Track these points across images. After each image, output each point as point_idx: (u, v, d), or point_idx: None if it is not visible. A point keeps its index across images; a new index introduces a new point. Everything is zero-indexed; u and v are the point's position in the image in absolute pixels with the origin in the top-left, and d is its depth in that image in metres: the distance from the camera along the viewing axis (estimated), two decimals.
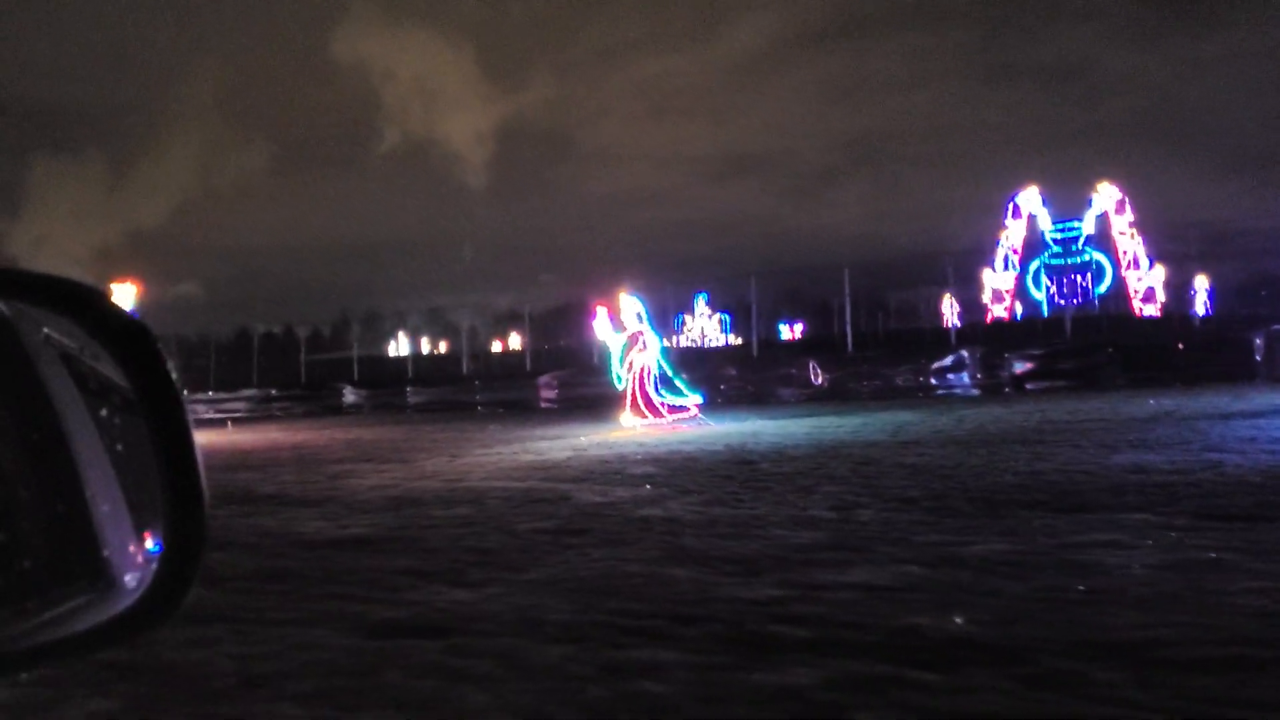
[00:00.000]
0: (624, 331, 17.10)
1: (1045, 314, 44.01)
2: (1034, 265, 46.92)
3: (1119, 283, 44.64)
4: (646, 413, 16.80)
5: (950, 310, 53.04)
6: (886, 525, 6.82)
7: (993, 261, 47.60)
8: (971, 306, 49.49)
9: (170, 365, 1.04)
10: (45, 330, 1.16)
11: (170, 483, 1.02)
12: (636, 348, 16.94)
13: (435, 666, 3.61)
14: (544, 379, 29.21)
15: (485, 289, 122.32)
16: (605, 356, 17.56)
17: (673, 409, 16.95)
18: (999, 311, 46.87)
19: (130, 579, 1.08)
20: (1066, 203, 47.24)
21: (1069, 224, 46.22)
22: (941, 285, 51.35)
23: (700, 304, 65.35)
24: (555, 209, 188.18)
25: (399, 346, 55.86)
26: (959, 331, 27.32)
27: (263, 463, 14.13)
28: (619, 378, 17.10)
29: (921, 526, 6.72)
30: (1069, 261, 46.23)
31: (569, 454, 13.06)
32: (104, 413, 1.16)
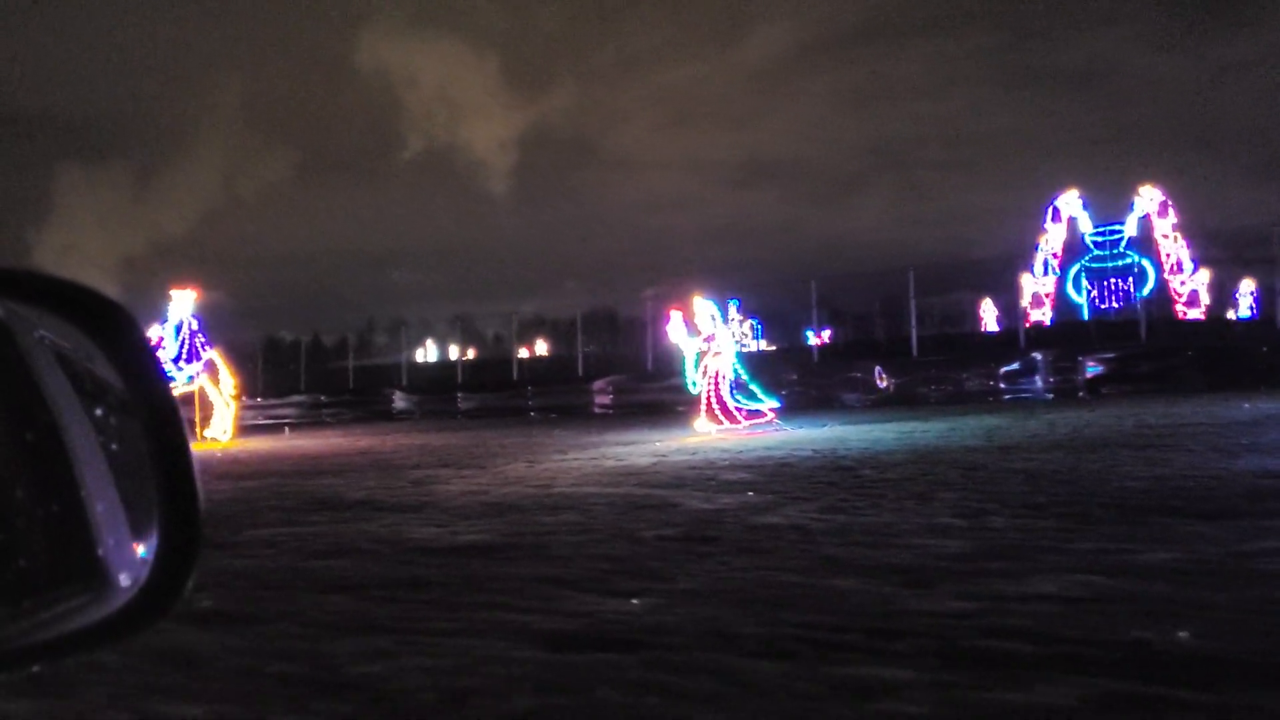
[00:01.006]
0: (699, 335, 16.89)
1: (1085, 317, 43.62)
2: (1074, 269, 46.44)
3: (1161, 286, 44.08)
4: (722, 418, 16.56)
5: (990, 315, 52.46)
6: (1027, 533, 6.56)
7: (1031, 265, 47.20)
8: (1009, 311, 49.14)
9: (163, 364, 1.07)
10: (39, 331, 1.16)
11: (165, 482, 1.03)
12: (711, 352, 16.73)
13: (646, 683, 3.42)
14: (598, 384, 29.08)
15: (509, 296, 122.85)
16: (680, 361, 17.29)
17: (749, 414, 16.70)
18: (1038, 315, 46.43)
19: (125, 578, 1.10)
20: (1107, 206, 46.74)
21: (1110, 227, 45.82)
22: (977, 290, 50.76)
23: (732, 310, 65.95)
24: (578, 216, 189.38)
25: (427, 353, 56.27)
26: (1027, 334, 26.75)
27: (337, 468, 14.07)
28: (693, 383, 16.89)
29: (1067, 534, 6.45)
30: (1110, 265, 45.89)
31: (651, 460, 12.87)
32: (99, 412, 1.17)
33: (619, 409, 27.68)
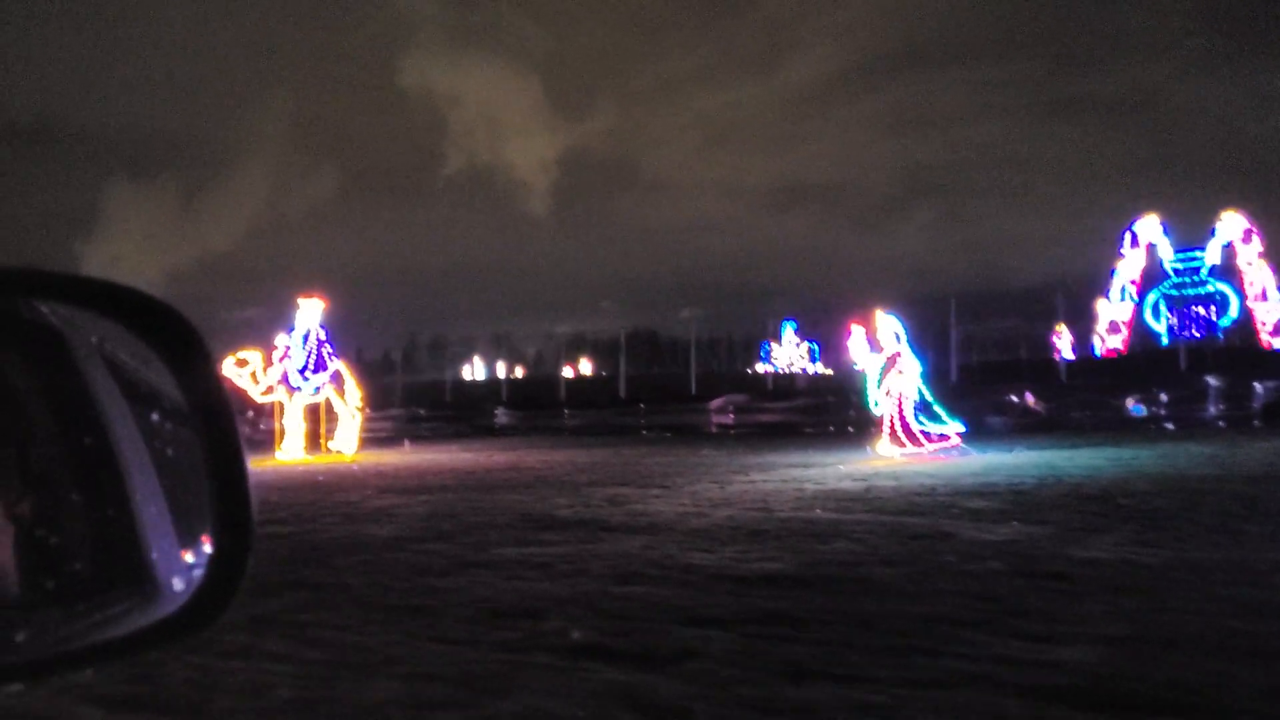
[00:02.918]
0: (881, 353, 16.25)
1: (1164, 345, 42.45)
2: (1152, 296, 45.18)
3: (1245, 314, 42.66)
4: (906, 441, 15.87)
5: (1064, 342, 51.53)
6: None
7: (1108, 292, 46.07)
8: (1081, 338, 48.23)
9: (218, 369, 1.11)
10: (94, 338, 1.19)
11: (219, 489, 1.06)
12: (894, 370, 16.06)
13: None
14: (716, 403, 28.52)
15: (545, 315, 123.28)
16: (863, 380, 16.64)
17: (932, 437, 15.98)
18: (1114, 343, 45.24)
19: (178, 582, 1.11)
20: (1187, 232, 45.52)
21: (1190, 253, 44.64)
22: (1029, 318, 49.81)
23: (788, 332, 65.72)
24: (617, 237, 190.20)
25: (474, 371, 56.70)
26: (1192, 356, 25.55)
27: (504, 484, 13.68)
28: (875, 403, 16.22)
29: None
30: (1190, 292, 44.64)
31: (856, 484, 12.23)
32: (153, 418, 1.19)
33: (741, 429, 27.07)
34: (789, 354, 64.77)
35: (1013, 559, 6.64)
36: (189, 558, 1.14)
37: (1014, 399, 22.50)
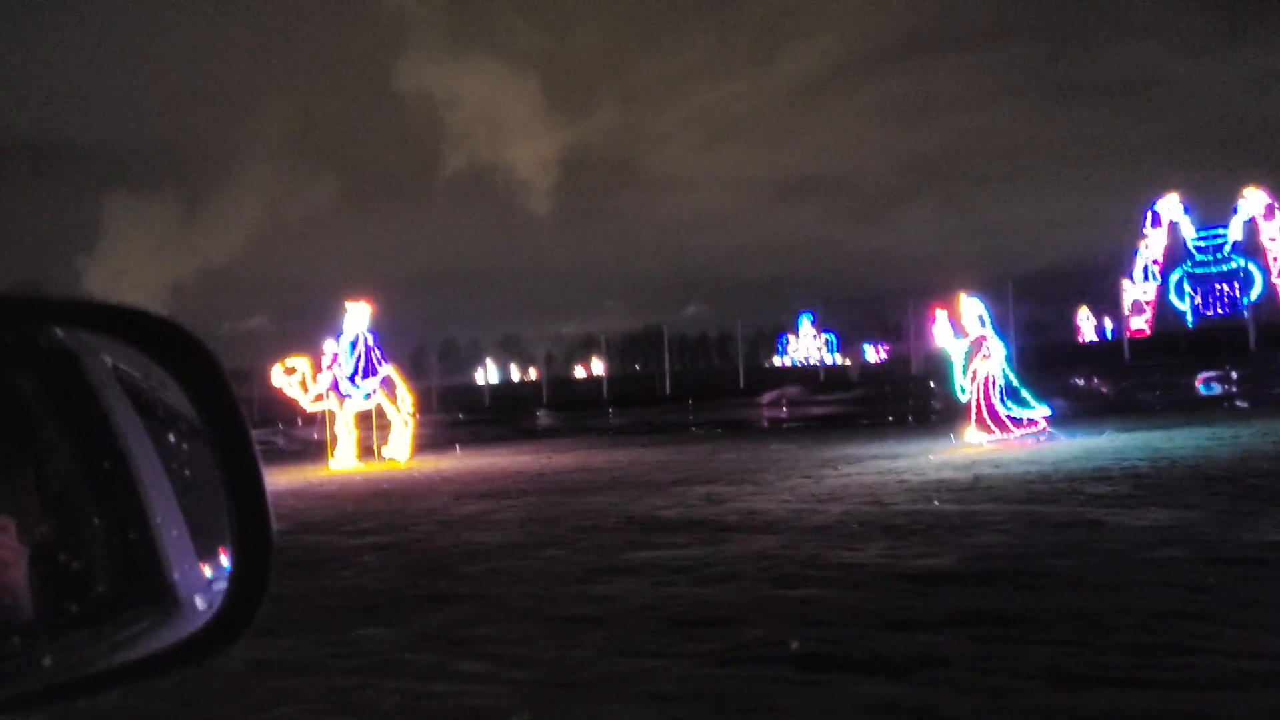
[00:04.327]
0: (965, 337, 15.92)
1: (1190, 324, 42.10)
2: (1175, 275, 44.82)
3: (1269, 290, 42.22)
4: (993, 427, 15.54)
5: (1088, 324, 50.68)
6: None
7: (1131, 272, 45.74)
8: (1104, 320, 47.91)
9: (234, 386, 1.10)
10: (107, 359, 1.22)
11: (239, 507, 1.08)
12: (980, 355, 15.73)
13: None
14: (768, 397, 28.20)
15: (551, 317, 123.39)
16: (945, 365, 16.32)
17: (1019, 423, 15.65)
18: (1138, 324, 44.91)
19: (200, 601, 1.14)
20: (1209, 209, 45.15)
21: (1213, 231, 44.26)
22: (1059, 302, 49.34)
23: (805, 324, 65.76)
24: (619, 235, 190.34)
25: (486, 374, 57.25)
26: (1259, 335, 25.01)
27: (585, 486, 13.45)
28: (961, 389, 15.89)
29: None
30: (1214, 270, 44.28)
31: (962, 473, 11.91)
32: (170, 438, 1.22)
33: (794, 422, 26.75)
34: (807, 346, 64.79)
35: (1189, 545, 6.35)
36: (209, 575, 1.18)
37: (1079, 381, 22.11)
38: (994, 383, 15.60)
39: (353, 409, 22.59)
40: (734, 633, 4.72)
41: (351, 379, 22.47)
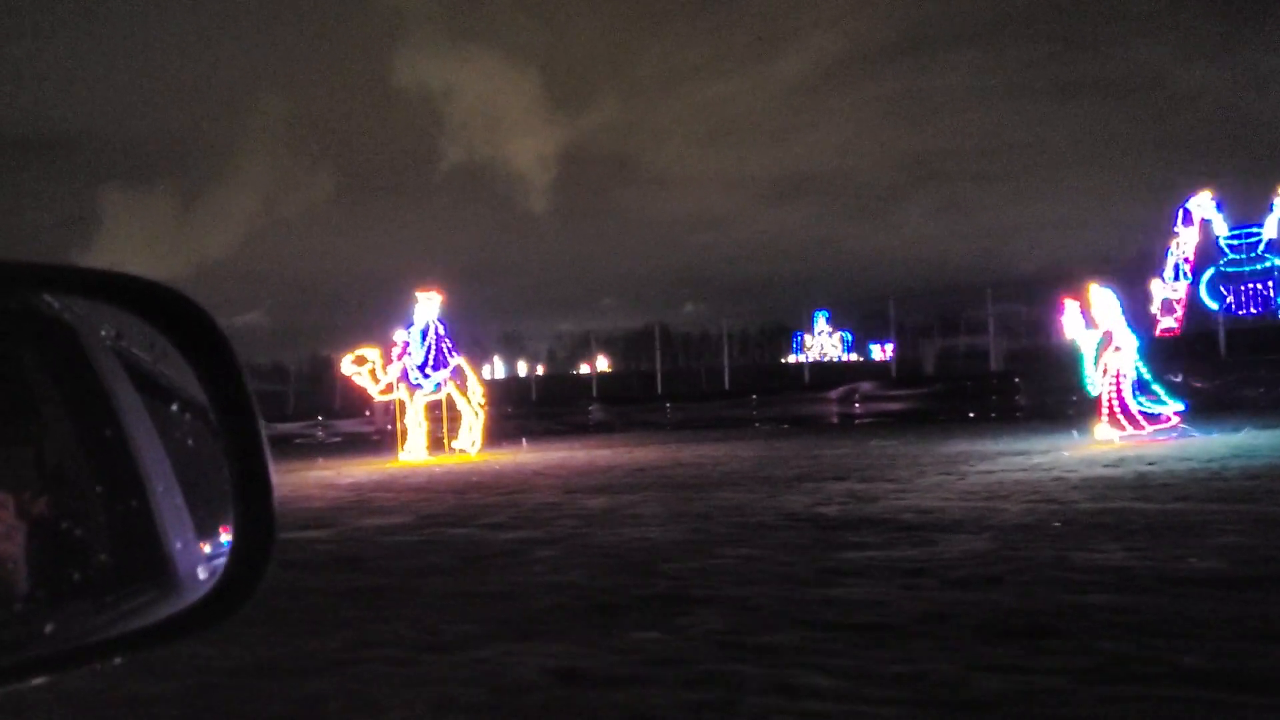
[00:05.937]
0: (1096, 330, 15.39)
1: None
2: (1208, 274, 44.12)
3: None
4: (1125, 423, 15.01)
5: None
6: None
7: (1161, 271, 45.13)
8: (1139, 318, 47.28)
9: (237, 356, 1.09)
10: (103, 331, 1.23)
11: (241, 478, 1.07)
12: (1111, 348, 15.19)
13: None
14: (837, 393, 27.73)
15: (548, 313, 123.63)
16: (1078, 357, 15.78)
17: (1152, 418, 15.11)
18: (1168, 323, 44.28)
19: (201, 572, 1.16)
20: (1242, 207, 44.37)
21: (1247, 229, 43.54)
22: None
23: (821, 321, 65.64)
24: (617, 232, 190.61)
25: (494, 370, 57.52)
26: None
27: (694, 481, 13.01)
28: (1092, 383, 15.37)
29: None
30: (1247, 269, 43.59)
31: (1115, 470, 11.46)
32: (171, 409, 1.23)
33: (868, 418, 26.27)
34: (821, 344, 64.70)
35: None
36: (208, 548, 1.19)
37: (1175, 378, 21.49)
38: (1125, 377, 15.07)
39: (423, 400, 22.25)
40: (1061, 644, 4.26)
41: (422, 369, 22.13)
